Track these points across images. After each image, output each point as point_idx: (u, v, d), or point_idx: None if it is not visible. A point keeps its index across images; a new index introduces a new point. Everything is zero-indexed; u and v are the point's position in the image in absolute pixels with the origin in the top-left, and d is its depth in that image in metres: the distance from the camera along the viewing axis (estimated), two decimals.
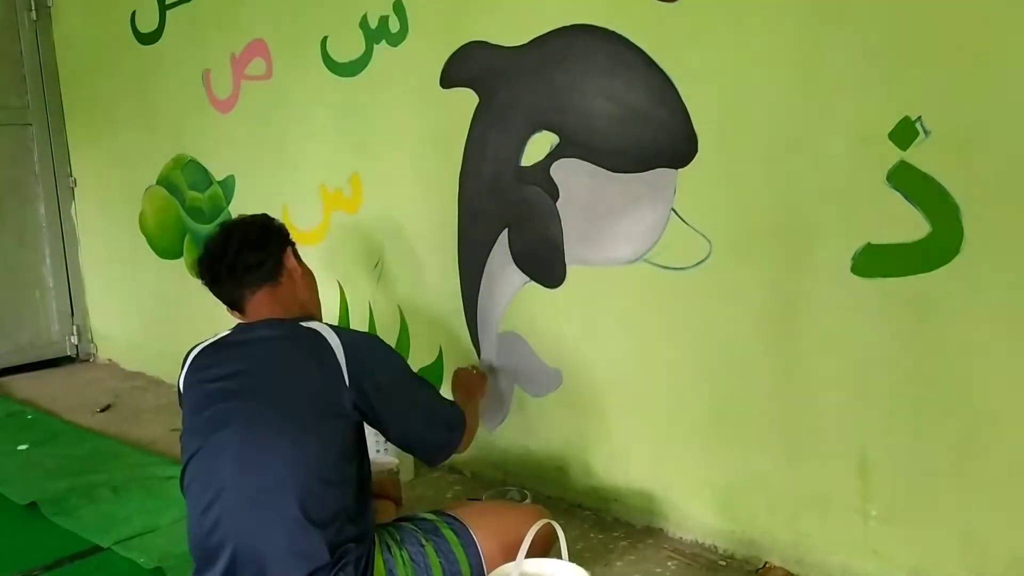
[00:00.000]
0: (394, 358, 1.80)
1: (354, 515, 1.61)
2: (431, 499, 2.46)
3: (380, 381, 1.69)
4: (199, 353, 1.75)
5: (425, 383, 1.86)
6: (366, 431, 1.73)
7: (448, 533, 1.70)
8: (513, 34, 2.26)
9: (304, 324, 1.70)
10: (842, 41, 1.71)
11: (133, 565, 2.13)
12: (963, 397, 1.67)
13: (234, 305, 1.82)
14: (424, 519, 1.75)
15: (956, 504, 1.70)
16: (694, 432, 2.09)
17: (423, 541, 1.68)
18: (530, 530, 1.57)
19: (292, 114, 2.97)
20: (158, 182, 3.70)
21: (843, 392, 1.82)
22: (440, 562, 1.66)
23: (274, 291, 1.78)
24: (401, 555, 1.64)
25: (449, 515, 1.76)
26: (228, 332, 1.75)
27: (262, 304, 1.77)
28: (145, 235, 3.87)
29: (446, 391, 2.66)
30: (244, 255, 1.77)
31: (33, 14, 4.10)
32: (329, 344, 1.64)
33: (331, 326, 1.71)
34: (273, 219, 1.90)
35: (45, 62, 4.16)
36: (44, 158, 4.21)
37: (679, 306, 2.05)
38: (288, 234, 1.89)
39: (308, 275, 1.90)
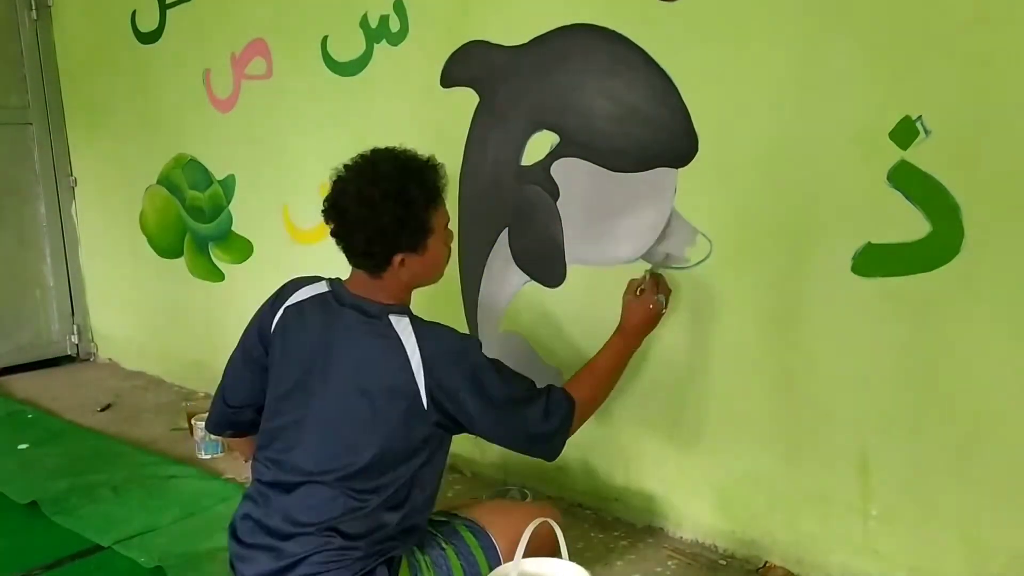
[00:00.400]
0: (479, 369, 1.61)
1: (403, 507, 1.60)
2: None
3: (464, 402, 1.57)
4: (298, 304, 1.70)
5: (516, 384, 1.65)
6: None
7: (467, 535, 1.70)
8: (514, 33, 2.26)
9: (392, 319, 1.60)
10: (842, 40, 1.71)
11: (133, 564, 2.13)
12: (963, 397, 1.67)
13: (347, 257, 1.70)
14: (441, 522, 1.75)
15: (956, 504, 1.70)
16: (694, 431, 2.09)
17: (443, 544, 1.68)
18: (527, 529, 1.57)
19: (292, 113, 2.97)
20: (159, 181, 3.70)
21: (843, 392, 1.82)
22: (461, 564, 1.66)
23: (371, 278, 1.66)
24: (424, 559, 1.64)
25: (465, 517, 1.75)
26: (328, 289, 1.71)
27: (360, 282, 1.68)
28: (146, 234, 3.87)
29: None
30: (358, 238, 1.62)
31: (33, 13, 4.10)
32: (408, 357, 1.56)
33: (417, 327, 1.59)
34: (415, 204, 1.61)
35: (45, 61, 4.15)
36: (44, 157, 4.21)
37: (680, 305, 2.05)
38: (419, 230, 1.63)
39: (425, 262, 1.68)
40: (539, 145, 2.23)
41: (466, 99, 2.40)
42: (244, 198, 3.28)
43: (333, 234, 1.66)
